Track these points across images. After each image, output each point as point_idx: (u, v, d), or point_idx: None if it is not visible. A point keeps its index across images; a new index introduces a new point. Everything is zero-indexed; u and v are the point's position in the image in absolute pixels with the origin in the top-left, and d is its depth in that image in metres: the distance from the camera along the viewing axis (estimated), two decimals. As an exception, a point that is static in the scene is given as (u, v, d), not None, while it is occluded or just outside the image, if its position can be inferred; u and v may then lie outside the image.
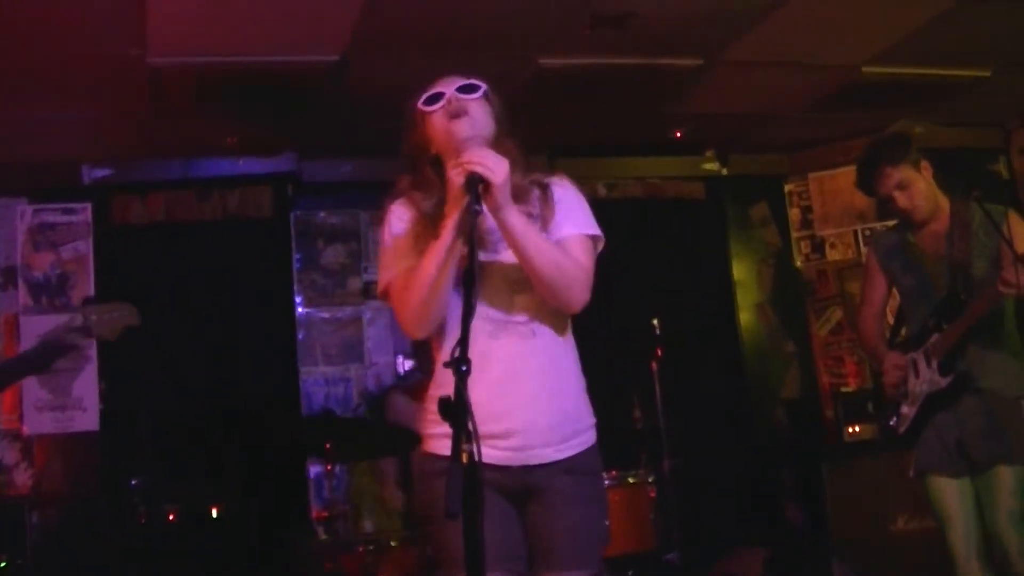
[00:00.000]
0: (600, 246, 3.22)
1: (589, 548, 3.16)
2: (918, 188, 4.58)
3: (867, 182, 4.70)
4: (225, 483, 6.51)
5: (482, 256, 3.03)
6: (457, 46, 5.47)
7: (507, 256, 3.06)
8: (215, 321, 7.00)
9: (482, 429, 2.64)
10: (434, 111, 3.12)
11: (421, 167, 3.17)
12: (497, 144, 3.09)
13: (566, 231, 3.12)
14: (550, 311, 3.13)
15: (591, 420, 3.25)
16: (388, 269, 3.15)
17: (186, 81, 5.82)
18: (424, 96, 3.14)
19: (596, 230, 3.19)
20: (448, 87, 3.13)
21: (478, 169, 2.82)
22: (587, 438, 3.20)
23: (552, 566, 3.12)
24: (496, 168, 2.84)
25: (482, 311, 3.04)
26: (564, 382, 3.17)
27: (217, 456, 6.52)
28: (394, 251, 3.15)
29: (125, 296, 4.24)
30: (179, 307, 6.92)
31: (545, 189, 3.17)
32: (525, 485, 3.11)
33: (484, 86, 3.16)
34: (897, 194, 4.59)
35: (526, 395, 3.08)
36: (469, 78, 3.17)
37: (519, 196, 3.08)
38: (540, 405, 3.09)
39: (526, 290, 3.08)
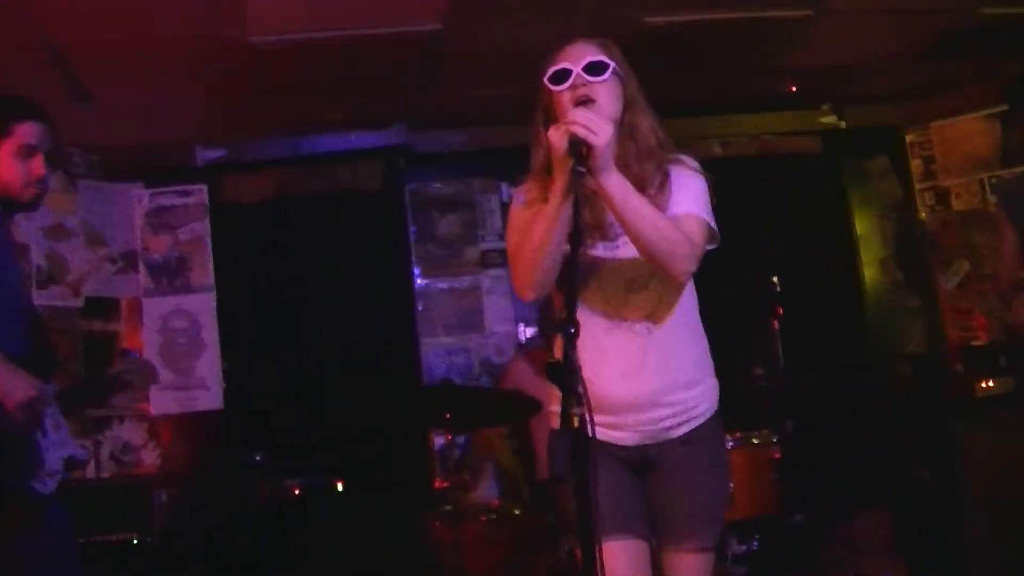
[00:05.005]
0: (713, 238, 3.12)
1: (707, 518, 3.15)
2: None
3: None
4: (348, 457, 6.56)
5: (601, 250, 3.06)
6: (559, 7, 5.38)
7: (624, 252, 3.03)
8: (333, 296, 7.05)
9: (600, 418, 2.65)
10: (560, 91, 3.03)
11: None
12: (626, 126, 3.03)
13: (678, 210, 3.04)
14: (668, 306, 3.09)
15: (713, 394, 3.22)
16: (510, 237, 3.16)
17: (287, 58, 5.81)
18: (550, 71, 3.05)
19: (709, 218, 3.09)
20: (575, 61, 3.02)
21: (579, 131, 2.77)
22: (706, 411, 3.16)
23: (669, 536, 3.12)
24: (598, 130, 2.78)
25: (597, 309, 3.08)
26: (683, 374, 3.14)
27: (340, 430, 6.57)
28: (514, 220, 3.17)
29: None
30: (297, 283, 7.00)
31: (665, 175, 3.10)
32: (645, 457, 3.11)
33: (613, 64, 3.04)
34: None
35: (642, 394, 3.08)
36: (597, 51, 3.05)
37: (643, 183, 3.03)
38: (658, 400, 3.09)
39: (642, 289, 3.05)
